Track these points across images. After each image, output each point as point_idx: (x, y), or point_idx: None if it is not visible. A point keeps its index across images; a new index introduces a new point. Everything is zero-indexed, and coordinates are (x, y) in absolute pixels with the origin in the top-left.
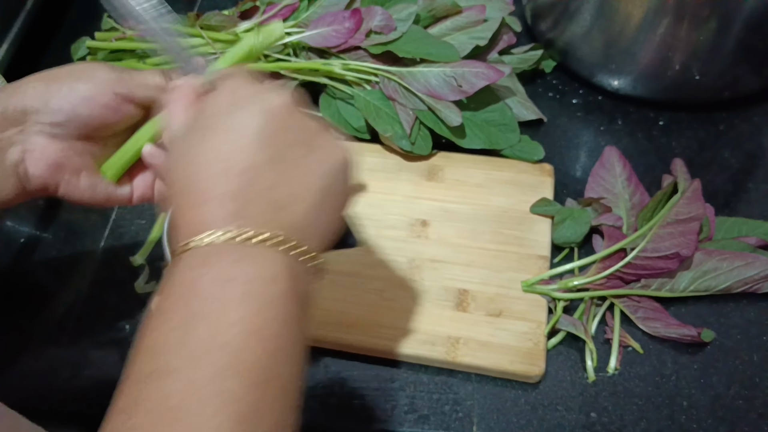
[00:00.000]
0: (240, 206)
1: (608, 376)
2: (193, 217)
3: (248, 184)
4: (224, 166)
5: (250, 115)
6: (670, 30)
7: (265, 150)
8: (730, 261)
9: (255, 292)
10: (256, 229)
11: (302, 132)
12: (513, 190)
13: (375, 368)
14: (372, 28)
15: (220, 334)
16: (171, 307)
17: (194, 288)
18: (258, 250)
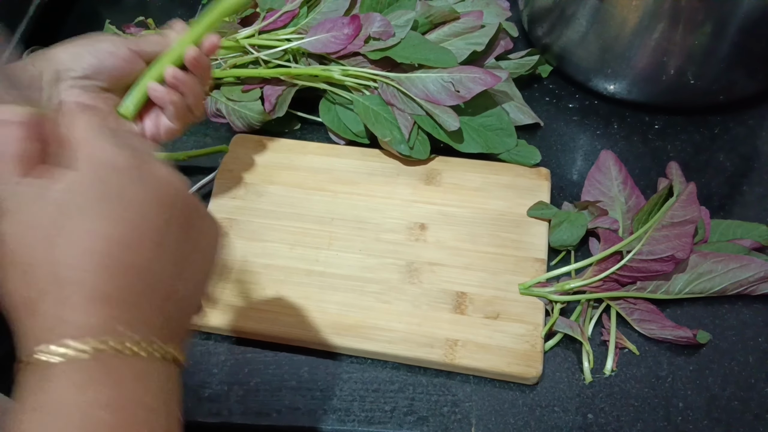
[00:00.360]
0: (122, 311)
1: (605, 378)
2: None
3: (132, 283)
4: (109, 262)
5: (138, 200)
6: (665, 34)
7: (157, 248)
8: (725, 263)
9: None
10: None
11: (187, 219)
12: (510, 193)
13: (374, 370)
14: (371, 34)
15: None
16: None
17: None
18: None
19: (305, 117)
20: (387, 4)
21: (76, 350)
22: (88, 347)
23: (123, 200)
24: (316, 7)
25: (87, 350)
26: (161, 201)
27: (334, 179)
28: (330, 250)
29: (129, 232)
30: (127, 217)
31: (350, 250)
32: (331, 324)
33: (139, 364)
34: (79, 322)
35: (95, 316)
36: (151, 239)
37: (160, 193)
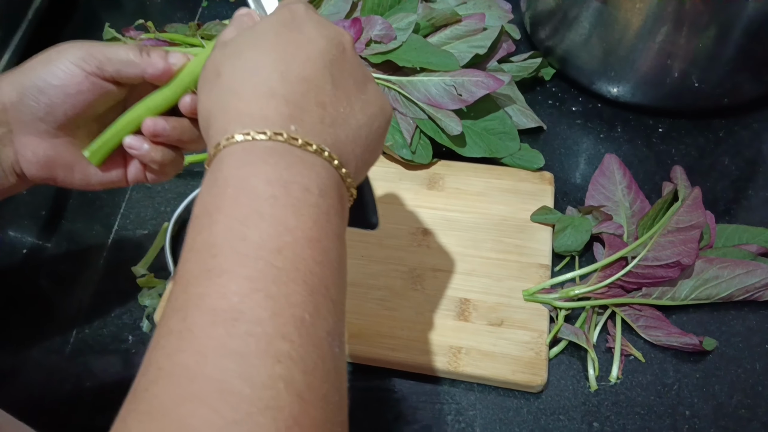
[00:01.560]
0: (295, 112)
1: (610, 385)
2: (246, 109)
3: (305, 92)
4: (286, 69)
5: (319, 36)
6: (668, 37)
7: (325, 70)
8: (731, 269)
9: (310, 201)
10: (308, 137)
11: (358, 73)
12: (513, 198)
13: (377, 378)
14: (372, 38)
15: (278, 238)
16: (223, 204)
17: (249, 186)
18: (312, 159)
19: None
20: (388, 6)
21: (254, 134)
22: (265, 134)
23: (301, 32)
24: (317, 10)
25: (262, 137)
26: (330, 41)
27: None
28: None
29: (302, 52)
30: (301, 41)
31: (353, 256)
32: None
33: (302, 156)
34: (257, 114)
35: (272, 110)
36: (319, 63)
37: (331, 37)
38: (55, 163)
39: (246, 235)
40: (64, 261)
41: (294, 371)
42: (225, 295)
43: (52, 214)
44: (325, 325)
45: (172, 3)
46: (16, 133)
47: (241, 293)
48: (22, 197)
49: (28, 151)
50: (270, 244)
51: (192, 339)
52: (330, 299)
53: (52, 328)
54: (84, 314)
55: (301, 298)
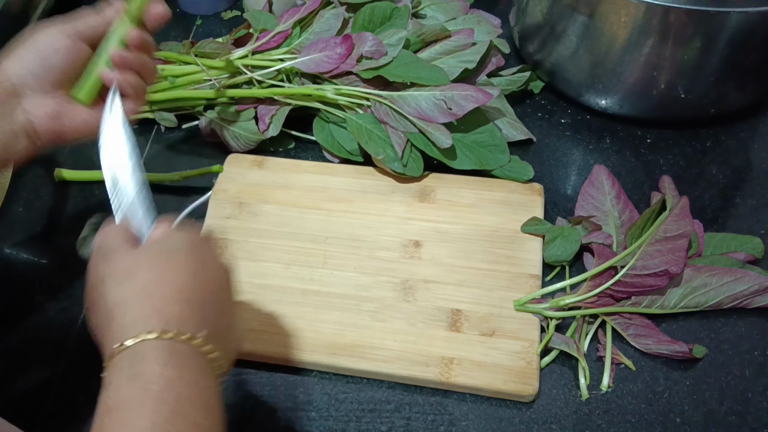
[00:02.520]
0: (203, 320)
1: (601, 394)
2: (168, 310)
3: (207, 305)
4: (194, 283)
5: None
6: (654, 50)
7: (219, 289)
8: (719, 277)
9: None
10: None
11: (232, 290)
12: (504, 209)
13: (370, 390)
14: (363, 54)
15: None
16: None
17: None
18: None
19: (299, 136)
20: (379, 23)
21: (173, 332)
22: (182, 333)
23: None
24: (309, 28)
25: (179, 335)
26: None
27: (329, 197)
28: (325, 268)
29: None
30: (203, 263)
31: (345, 268)
32: (327, 344)
33: (201, 357)
34: (175, 314)
35: (187, 312)
36: (215, 285)
37: (220, 264)
38: (61, 113)
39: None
40: (59, 277)
41: None
42: None
43: (47, 231)
44: None
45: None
46: (25, 98)
47: None
48: (17, 213)
49: (39, 110)
50: None
51: None
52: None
53: (47, 343)
54: (79, 330)
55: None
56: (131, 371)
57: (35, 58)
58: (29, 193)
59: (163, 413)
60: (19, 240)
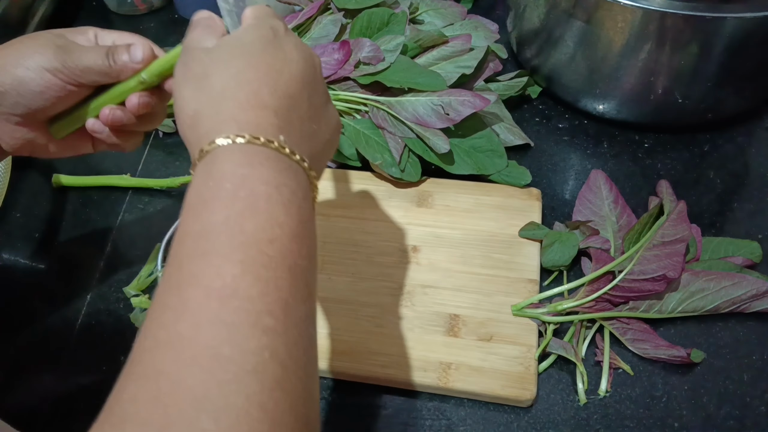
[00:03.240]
0: (283, 123)
1: (599, 399)
2: (241, 116)
3: (289, 107)
4: (275, 84)
5: (299, 57)
6: (651, 55)
7: (304, 89)
8: (717, 281)
9: (297, 202)
10: (294, 148)
11: (324, 90)
12: (501, 214)
13: (367, 395)
14: (361, 59)
15: (269, 231)
16: (222, 196)
17: (247, 184)
18: (296, 167)
19: None
20: (376, 29)
21: (251, 138)
22: (259, 139)
23: (284, 50)
24: (307, 33)
25: (257, 142)
26: (307, 62)
27: (327, 203)
28: (322, 273)
29: (287, 70)
30: (284, 60)
31: (343, 273)
32: (324, 349)
33: (289, 164)
34: (252, 121)
35: (264, 120)
36: (300, 82)
37: (307, 58)
38: (32, 143)
39: (243, 225)
40: (57, 282)
41: (278, 343)
42: (220, 275)
43: (46, 236)
44: (303, 308)
45: (165, 28)
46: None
47: (234, 274)
48: (16, 219)
49: (7, 134)
50: (263, 235)
51: (187, 312)
52: (308, 287)
53: (44, 349)
54: (76, 335)
55: (286, 283)
56: (206, 172)
57: (13, 89)
58: (27, 198)
59: (236, 208)
60: (18, 246)
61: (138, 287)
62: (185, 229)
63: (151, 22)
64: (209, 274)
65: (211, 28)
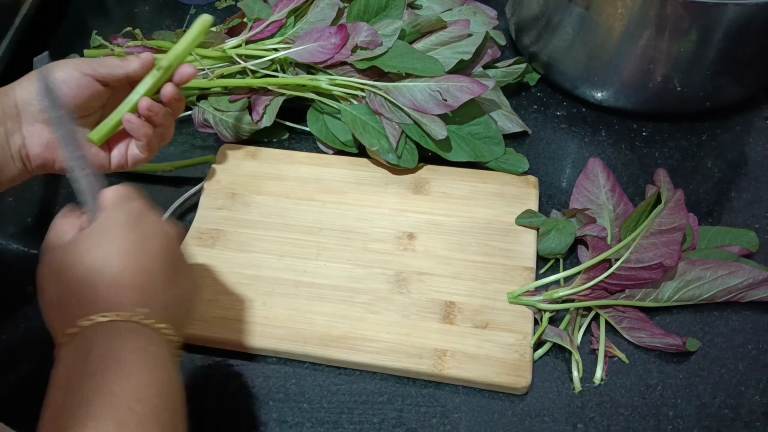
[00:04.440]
0: (144, 297)
1: (594, 387)
2: (104, 297)
3: (151, 282)
4: (135, 264)
5: (158, 233)
6: (650, 42)
7: (165, 260)
8: (713, 270)
9: (161, 364)
10: (155, 318)
11: (182, 259)
12: (498, 202)
13: (362, 382)
14: (358, 44)
15: (138, 391)
16: (90, 371)
17: (115, 355)
18: (157, 334)
19: (293, 126)
20: (374, 13)
21: (114, 317)
22: (119, 314)
23: (144, 229)
24: (304, 17)
25: (121, 319)
26: (166, 236)
27: (322, 189)
28: (318, 260)
29: (146, 249)
30: (144, 239)
31: (338, 260)
32: (319, 335)
33: (152, 332)
34: (114, 301)
35: (125, 298)
36: (161, 257)
37: (166, 232)
38: (55, 144)
39: (113, 390)
40: None
41: None
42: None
43: (38, 221)
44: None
45: (160, 11)
46: (25, 124)
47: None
48: (8, 204)
49: (35, 136)
50: (133, 396)
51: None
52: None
53: (38, 335)
54: None
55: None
56: (75, 351)
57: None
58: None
59: (107, 377)
60: (10, 231)
61: None
62: (58, 407)
63: (146, 5)
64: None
65: (69, 223)
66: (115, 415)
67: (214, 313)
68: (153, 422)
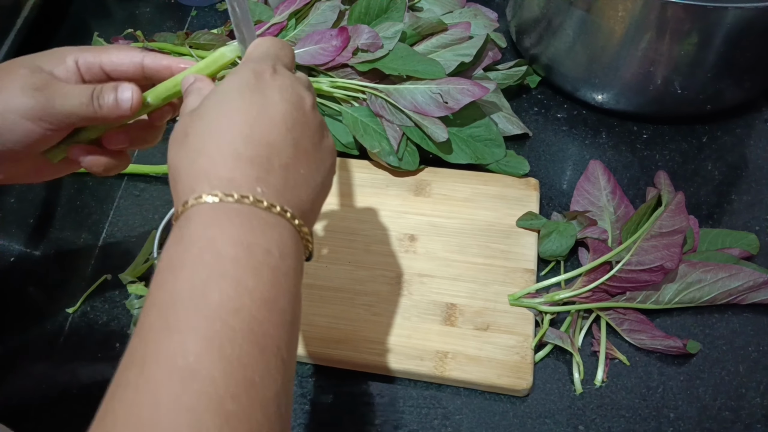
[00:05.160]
0: (261, 174)
1: (595, 389)
2: (213, 171)
3: (269, 156)
4: (251, 132)
5: (281, 100)
6: (651, 45)
7: (287, 133)
8: (714, 272)
9: (271, 262)
10: (273, 200)
11: (316, 130)
12: (499, 204)
13: (364, 383)
14: (359, 46)
15: (236, 300)
16: (188, 262)
17: (214, 246)
18: (275, 220)
19: None
20: (375, 15)
21: (222, 196)
22: (232, 196)
23: (264, 95)
24: (305, 19)
25: (229, 199)
26: (291, 104)
27: None
28: (319, 262)
29: (266, 116)
30: (264, 105)
31: (340, 262)
32: (321, 337)
33: (267, 218)
34: (224, 176)
35: (238, 172)
36: (282, 126)
37: (292, 99)
38: (16, 176)
39: (207, 294)
40: (52, 268)
41: (240, 430)
42: (182, 353)
43: (40, 222)
44: (273, 386)
45: (161, 12)
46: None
47: (197, 352)
48: (10, 205)
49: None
50: (229, 304)
51: (148, 392)
52: (281, 359)
53: (39, 336)
54: (72, 322)
55: (253, 359)
56: (177, 235)
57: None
58: (22, 184)
59: (201, 275)
60: (12, 232)
61: (134, 274)
62: (152, 298)
63: (147, 6)
64: (172, 352)
65: (199, 90)
66: (205, 331)
67: None
68: (251, 342)
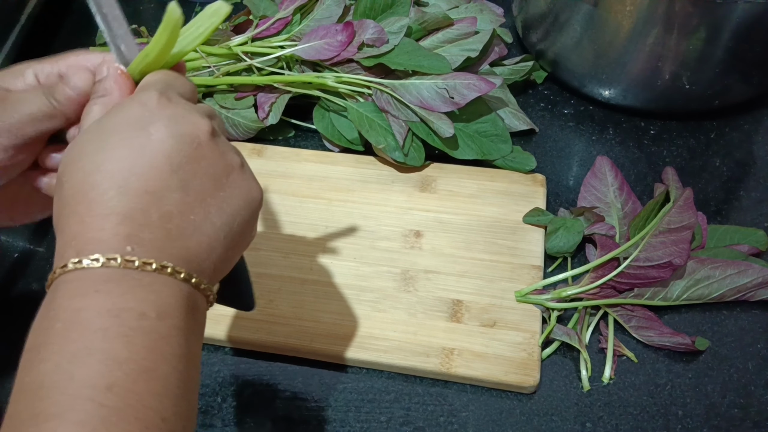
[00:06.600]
0: (133, 230)
1: (603, 386)
2: (80, 232)
3: (146, 207)
4: (126, 183)
5: (168, 134)
6: (659, 40)
7: (172, 175)
8: (722, 269)
9: (146, 327)
10: (148, 256)
11: (215, 165)
12: (506, 200)
13: (369, 380)
14: (364, 41)
15: (107, 374)
16: (53, 339)
17: (79, 319)
18: (151, 279)
19: (299, 124)
20: (380, 10)
21: (86, 262)
22: (97, 260)
23: (147, 132)
24: (310, 14)
25: (95, 264)
26: (180, 139)
27: (329, 187)
28: (325, 257)
29: (146, 159)
30: (145, 145)
31: (345, 257)
32: (326, 333)
33: (141, 278)
34: (90, 237)
35: (106, 232)
36: (166, 169)
37: (183, 134)
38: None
39: (74, 374)
40: None
41: None
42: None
43: (43, 219)
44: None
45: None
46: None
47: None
48: None
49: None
50: (100, 382)
51: None
52: (167, 429)
53: None
54: None
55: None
56: (44, 310)
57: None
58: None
59: (66, 353)
60: (16, 229)
61: None
62: (18, 384)
63: (151, 2)
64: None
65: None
66: (75, 414)
67: (220, 311)
68: (129, 419)
